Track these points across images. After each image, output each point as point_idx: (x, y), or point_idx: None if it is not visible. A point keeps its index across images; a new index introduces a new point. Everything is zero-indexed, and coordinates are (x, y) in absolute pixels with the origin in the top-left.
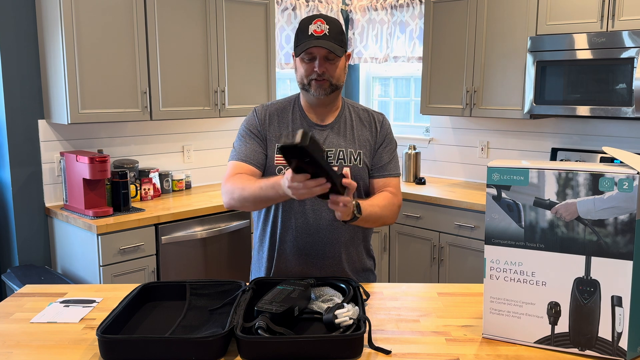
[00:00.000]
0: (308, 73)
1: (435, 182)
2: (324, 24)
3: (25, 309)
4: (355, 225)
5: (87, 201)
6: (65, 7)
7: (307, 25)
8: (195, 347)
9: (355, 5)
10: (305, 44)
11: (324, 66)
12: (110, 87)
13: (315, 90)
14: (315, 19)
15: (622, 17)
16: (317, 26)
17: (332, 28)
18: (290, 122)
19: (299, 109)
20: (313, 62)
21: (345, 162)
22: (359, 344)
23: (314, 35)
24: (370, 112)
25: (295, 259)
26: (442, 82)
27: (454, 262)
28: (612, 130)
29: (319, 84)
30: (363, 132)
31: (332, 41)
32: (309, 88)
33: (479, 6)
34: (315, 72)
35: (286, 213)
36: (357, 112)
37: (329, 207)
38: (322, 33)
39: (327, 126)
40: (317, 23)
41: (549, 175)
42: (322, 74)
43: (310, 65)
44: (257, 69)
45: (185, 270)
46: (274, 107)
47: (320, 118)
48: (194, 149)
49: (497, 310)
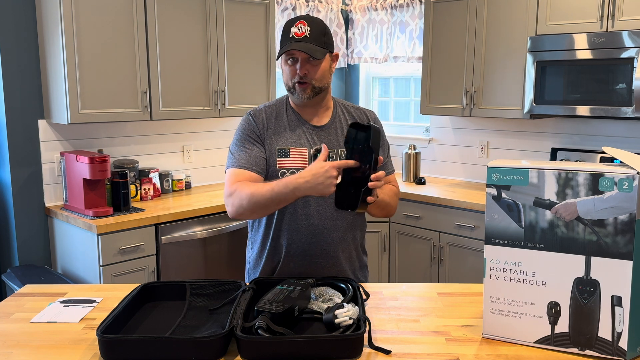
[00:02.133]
0: (291, 76)
1: (435, 182)
2: (305, 26)
3: (25, 309)
4: (359, 213)
5: (87, 201)
6: (65, 7)
7: (289, 27)
8: (195, 347)
9: (355, 5)
10: (285, 46)
11: (305, 68)
12: (110, 87)
13: (299, 93)
14: (297, 21)
15: (622, 17)
16: (298, 28)
17: (314, 29)
18: (287, 125)
19: (293, 113)
20: (295, 64)
21: None
22: (359, 344)
23: (295, 37)
24: (361, 110)
25: (300, 260)
26: (442, 82)
27: (454, 262)
28: (612, 130)
29: (302, 88)
30: None
31: (312, 43)
32: (293, 91)
33: (479, 6)
34: (297, 75)
35: (290, 216)
36: (350, 112)
37: (333, 207)
38: (302, 35)
39: (325, 127)
40: (299, 25)
41: (549, 175)
42: (303, 77)
43: (293, 67)
44: (257, 69)
45: (185, 270)
46: (268, 111)
47: (316, 119)
48: (194, 149)
49: (497, 310)
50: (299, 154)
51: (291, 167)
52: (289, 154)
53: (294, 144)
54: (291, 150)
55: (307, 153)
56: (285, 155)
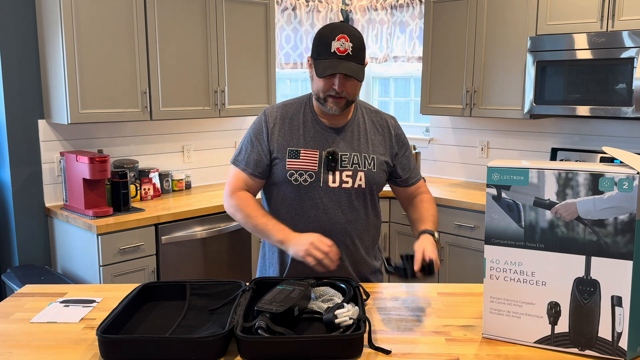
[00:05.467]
0: (326, 89)
1: (435, 182)
2: (348, 42)
3: (25, 309)
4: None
5: (87, 201)
6: (65, 7)
7: (329, 41)
8: (195, 347)
9: (355, 5)
10: (329, 64)
11: (344, 85)
12: (110, 87)
13: (331, 106)
14: (339, 35)
15: (622, 17)
16: (340, 44)
17: (356, 45)
18: (301, 125)
19: (311, 112)
20: (332, 78)
21: (360, 166)
22: (359, 344)
23: (337, 54)
24: (382, 115)
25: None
26: (442, 82)
27: (454, 262)
28: (612, 130)
29: (336, 101)
30: (376, 137)
31: (355, 61)
32: (324, 103)
33: (479, 6)
34: (333, 89)
35: (299, 218)
36: (370, 115)
37: (342, 211)
38: (345, 52)
39: (341, 129)
40: (341, 40)
41: (548, 175)
42: (340, 92)
43: (329, 81)
44: (257, 69)
45: (185, 270)
46: (284, 110)
47: (333, 122)
48: (194, 149)
49: (497, 310)
50: (309, 155)
51: (300, 169)
52: (299, 155)
53: (306, 145)
54: (302, 152)
55: (317, 155)
56: (296, 156)
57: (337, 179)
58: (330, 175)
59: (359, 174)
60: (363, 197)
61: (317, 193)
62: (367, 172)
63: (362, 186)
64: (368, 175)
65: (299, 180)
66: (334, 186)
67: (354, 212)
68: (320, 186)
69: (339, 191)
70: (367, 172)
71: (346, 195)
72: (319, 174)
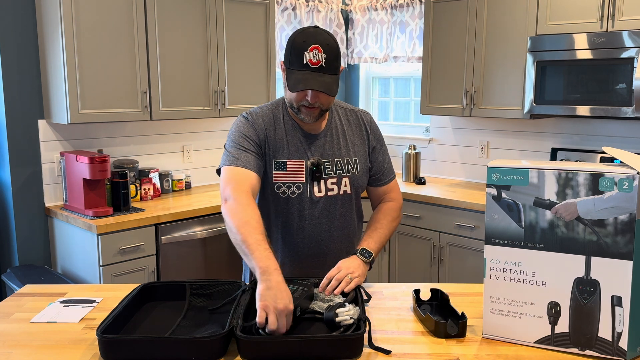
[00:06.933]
0: (298, 100)
1: (435, 182)
2: (321, 53)
3: (25, 309)
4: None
5: (87, 201)
6: (65, 7)
7: (301, 51)
8: (195, 347)
9: (355, 5)
10: (301, 77)
11: (317, 97)
12: (110, 87)
13: (305, 116)
14: (312, 45)
15: (622, 17)
16: (313, 55)
17: (329, 56)
18: (284, 134)
19: (290, 119)
20: (305, 90)
21: (344, 172)
22: (359, 344)
23: (309, 66)
24: (357, 113)
25: (297, 268)
26: (442, 82)
27: (454, 262)
28: (612, 130)
29: (309, 112)
30: (355, 138)
31: (328, 73)
32: (297, 112)
33: (479, 6)
34: (306, 100)
35: (286, 229)
36: (346, 115)
37: (328, 219)
38: (318, 65)
39: (321, 134)
40: (314, 51)
41: (548, 175)
42: (313, 104)
43: (302, 93)
44: (257, 69)
45: (185, 270)
46: (265, 117)
47: (311, 127)
48: (194, 149)
49: (497, 310)
50: (296, 166)
51: (287, 181)
52: (285, 167)
53: (291, 155)
54: (288, 163)
55: (304, 165)
56: (282, 168)
57: (323, 187)
58: (315, 186)
59: (344, 179)
60: (349, 203)
61: (304, 204)
62: (351, 176)
63: (348, 191)
64: (352, 180)
65: (287, 192)
66: (320, 195)
67: (341, 218)
68: (307, 197)
69: (326, 199)
70: (352, 176)
71: (332, 203)
72: (306, 185)
